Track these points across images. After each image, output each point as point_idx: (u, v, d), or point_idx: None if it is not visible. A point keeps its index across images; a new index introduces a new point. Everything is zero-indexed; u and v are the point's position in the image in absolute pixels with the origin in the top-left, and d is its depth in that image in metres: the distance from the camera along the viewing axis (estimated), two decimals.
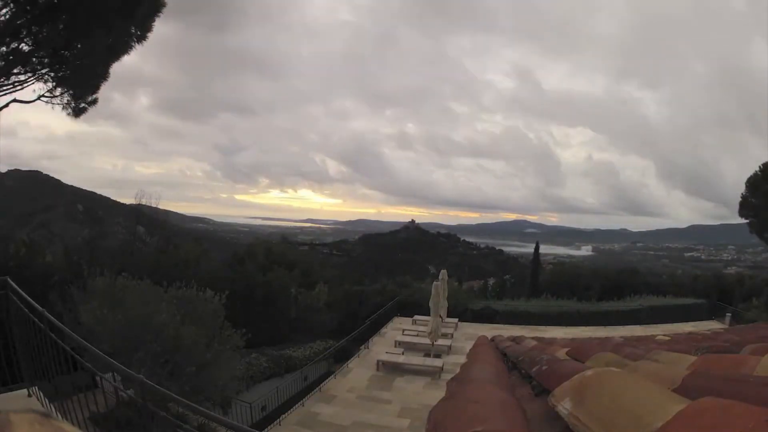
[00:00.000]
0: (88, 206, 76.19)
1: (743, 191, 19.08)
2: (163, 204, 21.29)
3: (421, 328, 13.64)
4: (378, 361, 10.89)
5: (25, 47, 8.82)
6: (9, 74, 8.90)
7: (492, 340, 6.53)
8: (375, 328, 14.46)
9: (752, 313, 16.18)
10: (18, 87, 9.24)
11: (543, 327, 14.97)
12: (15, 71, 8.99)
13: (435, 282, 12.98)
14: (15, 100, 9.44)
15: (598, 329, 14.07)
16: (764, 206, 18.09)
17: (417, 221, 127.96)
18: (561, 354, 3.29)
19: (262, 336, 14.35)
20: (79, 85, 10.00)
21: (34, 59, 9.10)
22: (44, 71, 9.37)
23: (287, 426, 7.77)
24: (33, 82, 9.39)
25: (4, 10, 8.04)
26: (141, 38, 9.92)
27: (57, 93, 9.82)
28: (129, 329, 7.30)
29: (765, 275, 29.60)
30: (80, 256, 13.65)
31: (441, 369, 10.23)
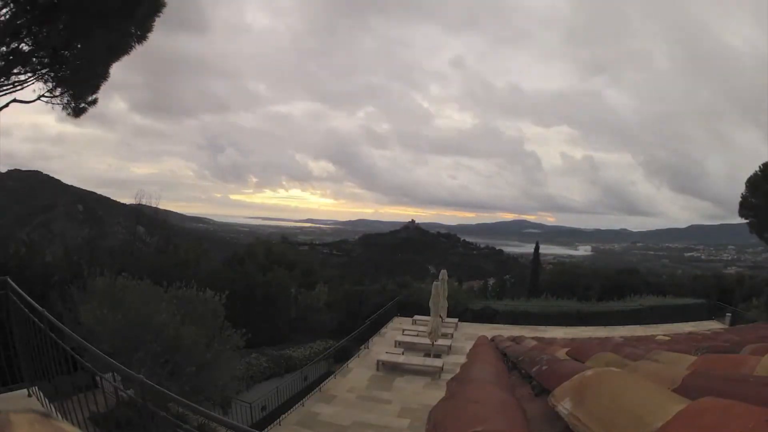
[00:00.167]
0: (88, 206, 76.21)
1: (743, 191, 19.08)
2: (161, 204, 21.23)
3: (421, 328, 13.64)
4: (378, 361, 10.89)
5: (25, 47, 8.83)
6: (9, 74, 8.90)
7: (492, 340, 6.53)
8: (375, 328, 14.46)
9: (752, 313, 16.19)
10: (18, 87, 9.25)
11: (543, 327, 14.97)
12: (15, 71, 9.00)
13: (435, 282, 12.99)
14: (15, 100, 9.45)
15: (598, 329, 14.07)
16: (764, 206, 18.08)
17: (417, 221, 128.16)
18: (561, 354, 3.28)
19: (262, 336, 14.35)
20: (79, 85, 10.00)
21: (34, 59, 9.11)
22: (44, 71, 9.37)
23: (287, 426, 7.78)
24: (33, 82, 9.40)
25: (4, 10, 8.05)
26: (141, 38, 9.93)
27: (57, 93, 9.84)
28: (129, 329, 7.30)
29: (765, 275, 29.62)
30: (80, 256, 13.65)
31: (441, 369, 10.23)
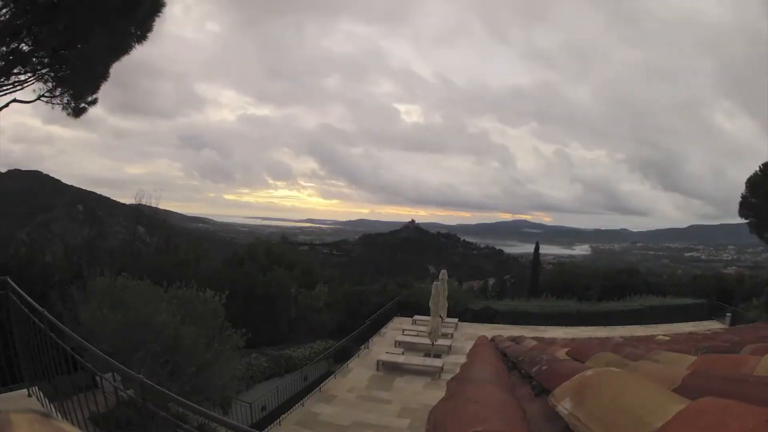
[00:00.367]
0: (88, 206, 76.15)
1: (743, 191, 19.09)
2: (160, 204, 21.22)
3: (421, 328, 13.64)
4: (378, 361, 10.90)
5: (25, 47, 8.81)
6: (9, 74, 8.90)
7: (492, 340, 6.53)
8: (375, 328, 14.46)
9: (752, 313, 16.21)
10: (18, 87, 9.24)
11: (543, 327, 14.98)
12: (15, 71, 8.99)
13: (435, 282, 12.99)
14: (15, 100, 9.44)
15: (598, 329, 14.08)
16: (764, 206, 18.09)
17: (416, 221, 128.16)
18: (561, 354, 3.28)
19: (262, 336, 14.36)
20: (79, 85, 10.00)
21: (34, 59, 9.10)
22: (44, 71, 9.37)
23: (287, 426, 7.78)
24: (33, 82, 9.39)
25: (4, 10, 8.04)
26: (141, 38, 9.92)
27: (57, 93, 9.82)
28: (129, 329, 7.30)
29: (765, 275, 29.64)
30: (80, 256, 13.68)
31: (441, 369, 10.23)
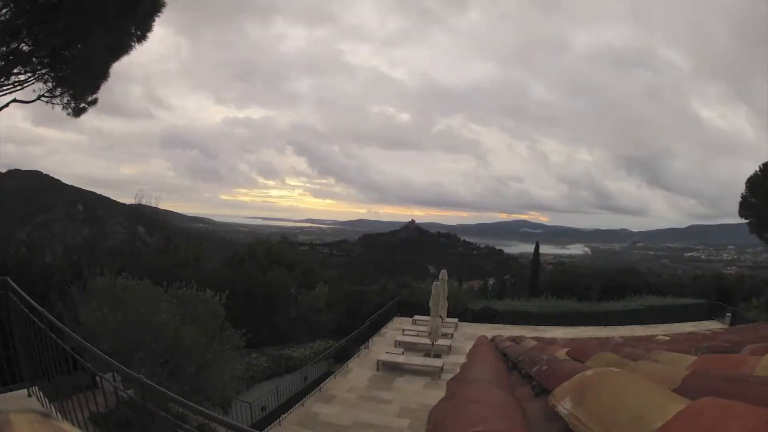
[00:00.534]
0: (88, 206, 76.13)
1: (743, 191, 19.10)
2: (160, 204, 21.18)
3: (421, 328, 13.64)
4: (378, 361, 10.90)
5: (25, 47, 8.81)
6: (9, 74, 8.90)
7: (492, 340, 6.52)
8: (375, 328, 14.47)
9: (752, 313, 16.22)
10: (18, 87, 9.24)
11: (543, 327, 14.98)
12: (15, 71, 8.99)
13: (435, 282, 13.00)
14: (15, 100, 9.45)
15: (599, 329, 14.08)
16: (764, 206, 18.09)
17: (416, 221, 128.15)
18: (561, 354, 3.28)
19: (262, 336, 14.36)
20: (79, 85, 10.00)
21: (34, 59, 9.10)
22: (44, 71, 9.37)
23: (287, 426, 7.78)
24: (33, 82, 9.39)
25: (4, 10, 8.04)
26: (141, 38, 9.92)
27: (57, 93, 9.83)
28: (129, 329, 7.30)
29: (765, 275, 29.61)
30: (80, 256, 13.68)
31: (441, 369, 10.23)
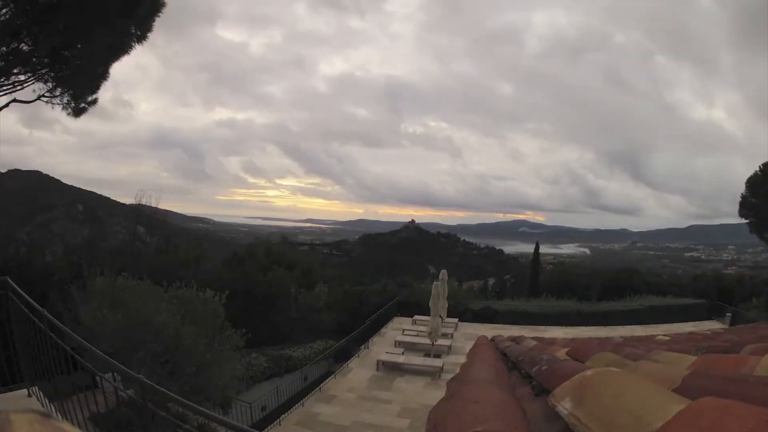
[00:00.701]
0: (88, 206, 76.11)
1: (743, 191, 19.10)
2: (160, 204, 21.15)
3: (421, 328, 13.64)
4: (378, 361, 10.90)
5: (25, 47, 8.81)
6: (9, 74, 8.90)
7: (492, 340, 6.52)
8: (375, 328, 14.47)
9: (752, 313, 16.22)
10: (18, 87, 9.25)
11: (543, 327, 14.98)
12: (15, 71, 8.99)
13: (435, 282, 13.00)
14: (15, 100, 9.45)
15: (599, 329, 14.08)
16: (764, 206, 18.09)
17: (417, 221, 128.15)
18: (561, 354, 3.28)
19: (262, 336, 14.36)
20: (79, 85, 10.01)
21: (34, 59, 9.10)
22: (44, 71, 9.37)
23: (287, 426, 7.78)
24: (33, 82, 9.40)
25: (4, 10, 8.04)
26: (141, 38, 9.93)
27: (57, 93, 9.84)
28: (129, 329, 7.30)
29: (765, 275, 29.63)
30: (80, 256, 13.67)
31: (441, 369, 10.23)
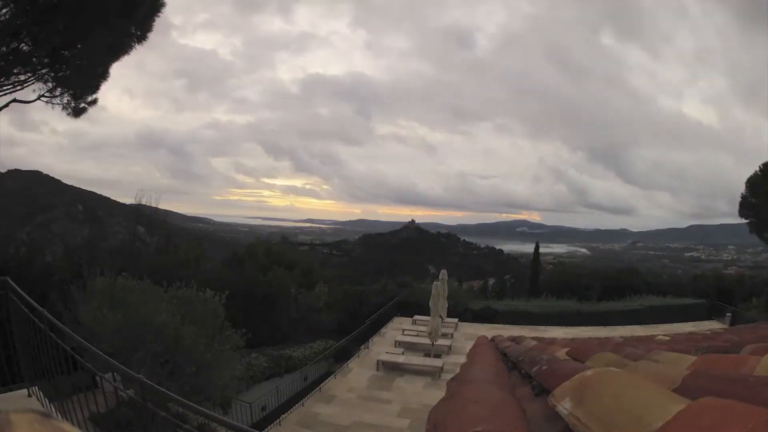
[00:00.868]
0: (88, 206, 76.09)
1: (743, 191, 19.10)
2: (160, 204, 21.12)
3: (421, 328, 13.64)
4: (378, 361, 10.90)
5: (25, 47, 8.82)
6: (9, 74, 8.90)
7: (492, 340, 6.52)
8: (375, 328, 14.46)
9: (752, 313, 16.21)
10: (18, 87, 9.25)
11: (543, 327, 14.98)
12: (15, 71, 9.00)
13: (435, 282, 12.99)
14: (15, 100, 9.45)
15: (599, 329, 14.07)
16: (764, 206, 18.09)
17: (417, 221, 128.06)
18: (561, 354, 3.28)
19: (262, 336, 14.36)
20: (79, 85, 10.01)
21: (34, 59, 9.10)
22: (44, 71, 9.37)
23: (287, 426, 7.78)
24: (33, 82, 9.40)
25: (4, 10, 8.04)
26: (141, 38, 9.93)
27: (57, 93, 9.84)
28: (129, 329, 7.31)
29: (765, 275, 29.66)
30: (80, 256, 13.66)
31: (441, 369, 10.23)
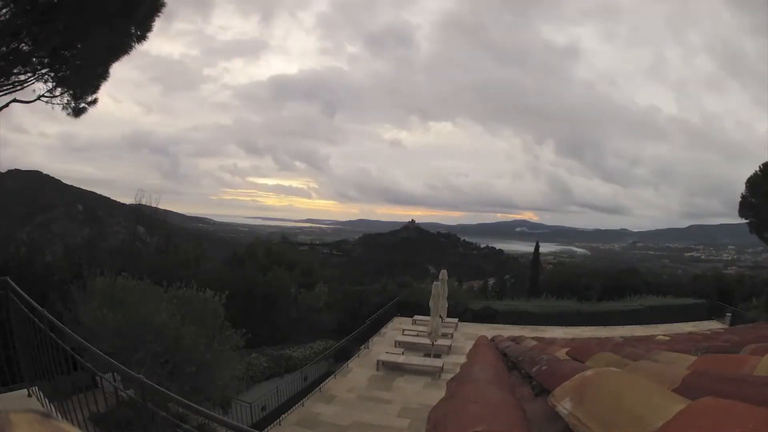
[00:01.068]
0: (88, 206, 76.09)
1: (743, 191, 19.09)
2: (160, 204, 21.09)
3: (421, 328, 13.64)
4: (378, 361, 10.90)
5: (25, 47, 8.82)
6: (9, 74, 8.90)
7: (492, 340, 6.52)
8: (375, 328, 14.46)
9: (752, 313, 16.21)
10: (18, 87, 9.25)
11: (543, 327, 14.98)
12: (15, 71, 9.00)
13: (435, 282, 13.00)
14: (15, 100, 9.45)
15: (599, 329, 14.08)
16: (764, 206, 18.09)
17: (417, 221, 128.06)
18: (561, 354, 3.27)
19: (262, 336, 14.35)
20: (79, 85, 10.02)
21: (34, 59, 9.11)
22: (44, 71, 9.37)
23: (287, 426, 7.78)
24: (33, 82, 9.40)
25: (4, 10, 8.04)
26: (141, 38, 9.94)
27: (57, 93, 9.84)
28: (129, 329, 7.31)
29: (765, 275, 29.65)
30: (80, 256, 13.66)
31: (441, 369, 10.23)
